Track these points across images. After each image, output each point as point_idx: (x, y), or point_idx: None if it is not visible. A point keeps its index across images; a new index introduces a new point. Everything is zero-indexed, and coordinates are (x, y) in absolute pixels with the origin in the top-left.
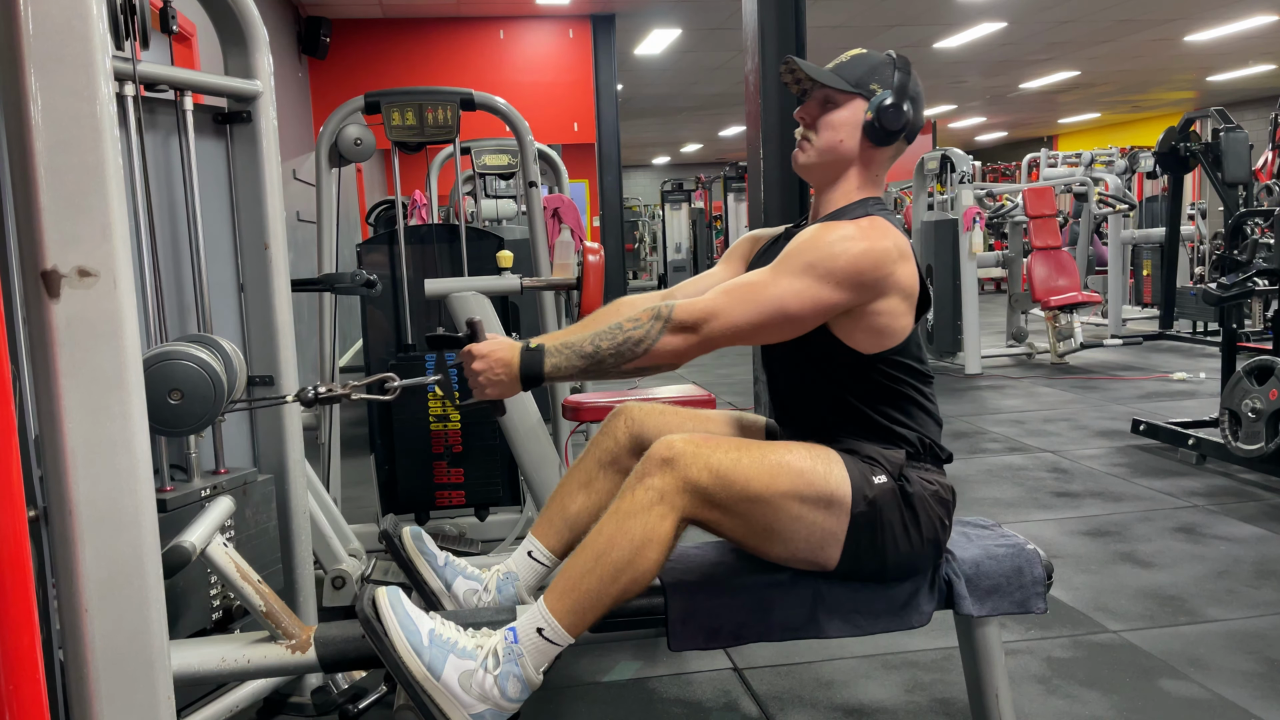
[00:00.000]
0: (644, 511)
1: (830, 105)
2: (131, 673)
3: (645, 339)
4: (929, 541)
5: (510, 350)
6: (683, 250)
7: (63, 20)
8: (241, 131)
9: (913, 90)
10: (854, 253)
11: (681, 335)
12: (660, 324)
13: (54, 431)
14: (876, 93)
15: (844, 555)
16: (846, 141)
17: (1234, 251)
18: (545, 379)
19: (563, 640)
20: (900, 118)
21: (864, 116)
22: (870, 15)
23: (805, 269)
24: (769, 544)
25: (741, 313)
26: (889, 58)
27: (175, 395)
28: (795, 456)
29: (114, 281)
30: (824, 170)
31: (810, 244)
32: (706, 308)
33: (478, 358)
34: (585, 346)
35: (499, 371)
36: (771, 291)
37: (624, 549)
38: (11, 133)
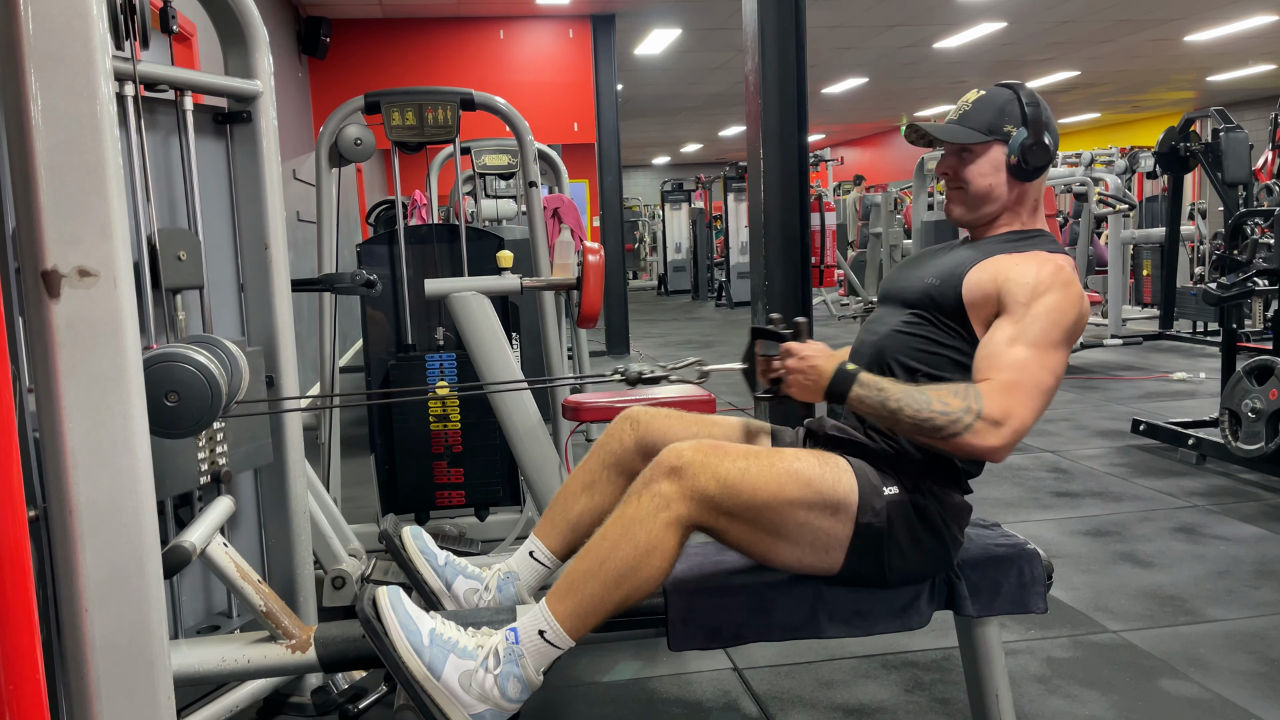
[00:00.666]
0: (650, 518)
1: (969, 157)
2: (131, 673)
3: (953, 429)
4: (935, 556)
5: (830, 361)
6: (683, 250)
7: (63, 20)
8: (241, 131)
9: (1045, 118)
10: (1087, 313)
11: (994, 435)
12: (972, 418)
13: (54, 432)
14: (1012, 134)
15: (847, 561)
16: (996, 186)
17: (1234, 251)
18: (847, 402)
19: (564, 643)
20: (1044, 154)
21: (1007, 159)
22: (870, 15)
23: (1062, 338)
24: (774, 550)
25: (1037, 403)
26: (1012, 94)
27: (172, 397)
28: (803, 465)
29: (114, 281)
30: (981, 218)
31: (1056, 304)
32: (1015, 413)
33: (798, 356)
34: (890, 402)
35: (811, 377)
36: (1045, 366)
37: (629, 555)
38: (11, 133)
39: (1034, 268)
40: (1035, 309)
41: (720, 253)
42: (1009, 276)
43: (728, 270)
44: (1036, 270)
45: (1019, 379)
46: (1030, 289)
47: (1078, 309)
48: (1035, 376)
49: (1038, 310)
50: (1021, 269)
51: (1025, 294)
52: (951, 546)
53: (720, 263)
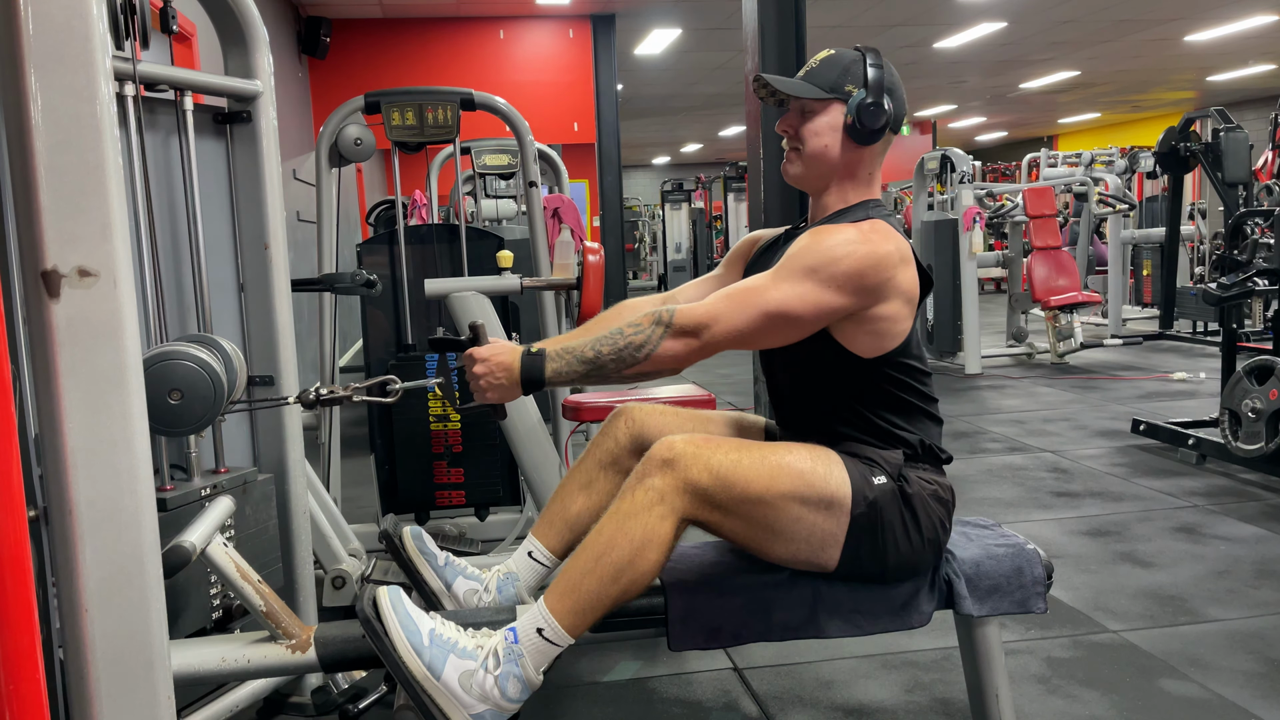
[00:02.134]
0: (644, 512)
1: (810, 114)
2: (131, 673)
3: (646, 344)
4: (929, 542)
5: (512, 354)
6: (683, 250)
7: (63, 20)
8: (241, 131)
9: (888, 82)
10: (856, 257)
11: (682, 340)
12: (661, 329)
13: (54, 431)
14: (853, 93)
15: (844, 556)
16: (831, 147)
17: (1234, 251)
18: (546, 384)
19: (563, 641)
20: (880, 115)
21: (845, 120)
22: (870, 15)
23: (806, 273)
24: (769, 544)
25: (742, 318)
26: (859, 54)
27: (175, 395)
28: (796, 458)
29: (114, 281)
30: (815, 178)
31: (811, 248)
32: (707, 313)
33: (479, 361)
34: (586, 352)
35: (500, 375)
36: (772, 296)
37: (624, 550)
38: (11, 133)
39: (815, 232)
40: (792, 255)
41: (720, 253)
42: (806, 238)
43: None
44: (817, 232)
45: (729, 296)
46: (798, 243)
47: (831, 249)
48: (747, 297)
49: (792, 254)
50: (802, 237)
51: (792, 248)
52: (941, 533)
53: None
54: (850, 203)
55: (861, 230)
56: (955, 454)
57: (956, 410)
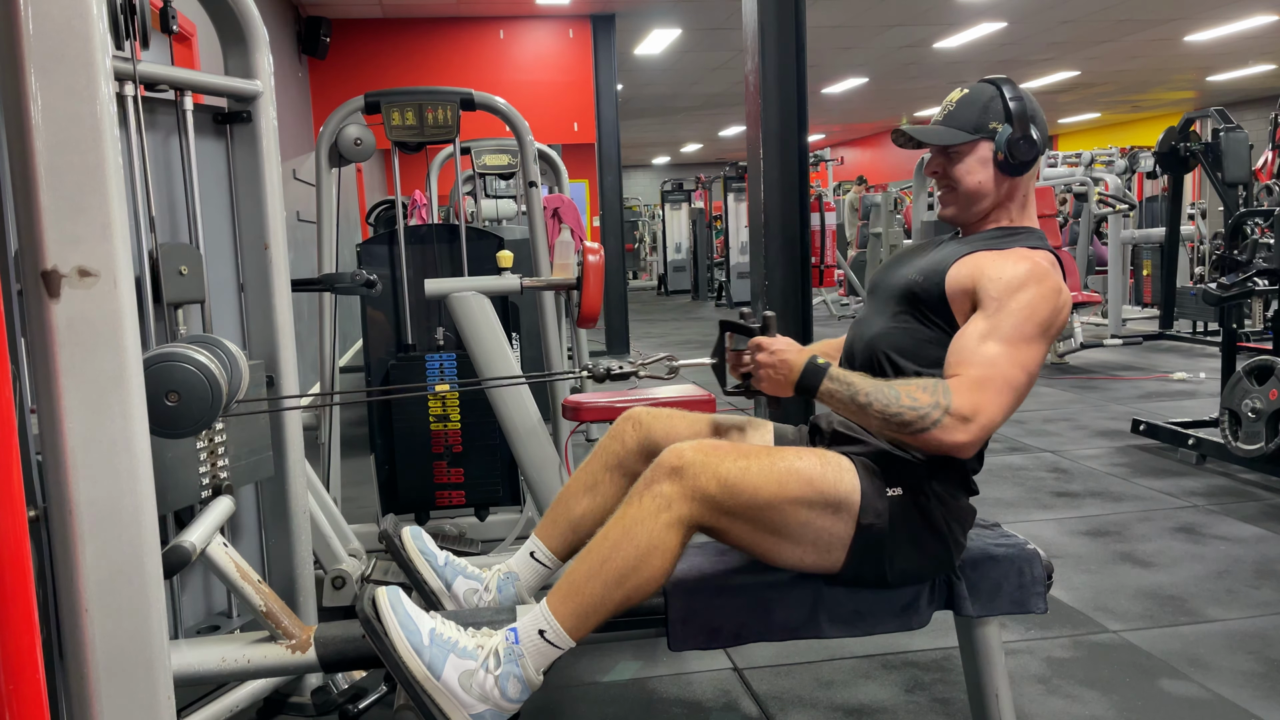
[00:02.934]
0: (651, 519)
1: (957, 156)
2: (131, 673)
3: (921, 424)
4: (937, 558)
5: (799, 355)
6: (683, 250)
7: (63, 20)
8: (241, 131)
9: (1030, 112)
10: (1067, 308)
11: (962, 431)
12: (940, 413)
13: (54, 431)
14: (998, 130)
15: (848, 561)
16: (985, 183)
17: (1234, 251)
18: (816, 396)
19: (564, 643)
20: (1031, 148)
21: (994, 156)
22: (870, 15)
23: (1036, 332)
24: (776, 549)
25: (1007, 400)
26: (995, 90)
27: (172, 397)
28: (805, 463)
29: (114, 281)
30: (973, 215)
31: (1030, 300)
32: (983, 409)
33: (768, 351)
34: (860, 396)
35: (782, 371)
36: (1017, 362)
37: (630, 555)
38: (11, 133)
39: (1011, 263)
40: (1009, 304)
41: (720, 253)
42: (985, 272)
43: (728, 270)
44: (1013, 266)
45: (989, 374)
46: (1005, 284)
47: (1053, 304)
48: (1005, 372)
49: (1011, 305)
50: (999, 264)
51: (999, 289)
52: (954, 549)
53: (720, 263)
54: (1016, 224)
55: (1052, 269)
56: None
57: None
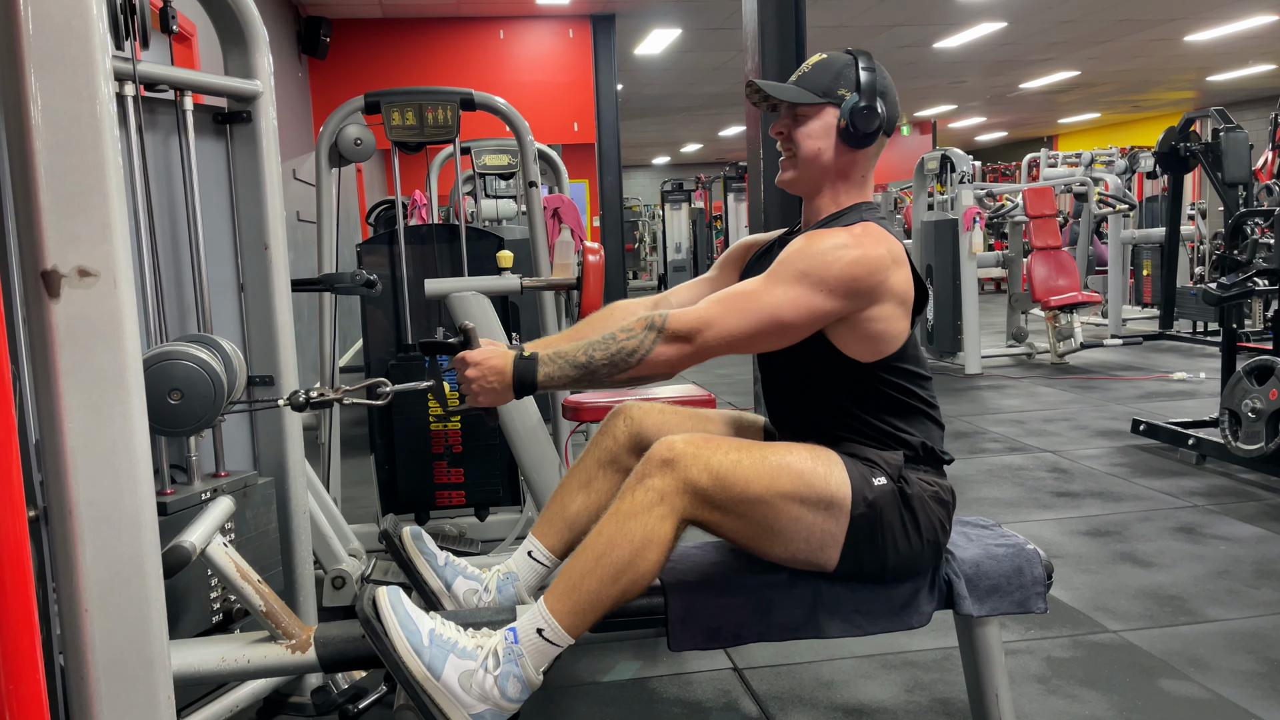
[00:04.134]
0: (644, 513)
1: (803, 118)
2: (131, 673)
3: (639, 349)
4: (929, 543)
5: (504, 358)
6: (683, 250)
7: (63, 20)
8: (241, 131)
9: (880, 85)
10: (847, 260)
11: (675, 345)
12: (654, 334)
13: (54, 431)
14: (845, 97)
15: (844, 556)
16: (825, 150)
17: (1234, 251)
18: (539, 388)
19: (563, 641)
20: (874, 119)
21: (838, 123)
22: (870, 15)
23: (798, 277)
24: (769, 544)
25: (735, 322)
26: (850, 57)
27: (175, 395)
28: (796, 458)
29: (114, 281)
30: (808, 182)
31: (803, 252)
32: (700, 317)
33: (471, 364)
34: (579, 356)
35: (492, 379)
36: (765, 300)
37: (624, 550)
38: (11, 133)
39: (808, 236)
40: (784, 258)
41: (720, 253)
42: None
43: None
44: (809, 236)
45: (722, 301)
46: (790, 247)
47: (824, 254)
48: (740, 303)
49: (785, 258)
50: (794, 241)
51: (784, 252)
52: (941, 534)
53: None
54: (843, 206)
55: (853, 234)
56: (955, 454)
57: (956, 410)
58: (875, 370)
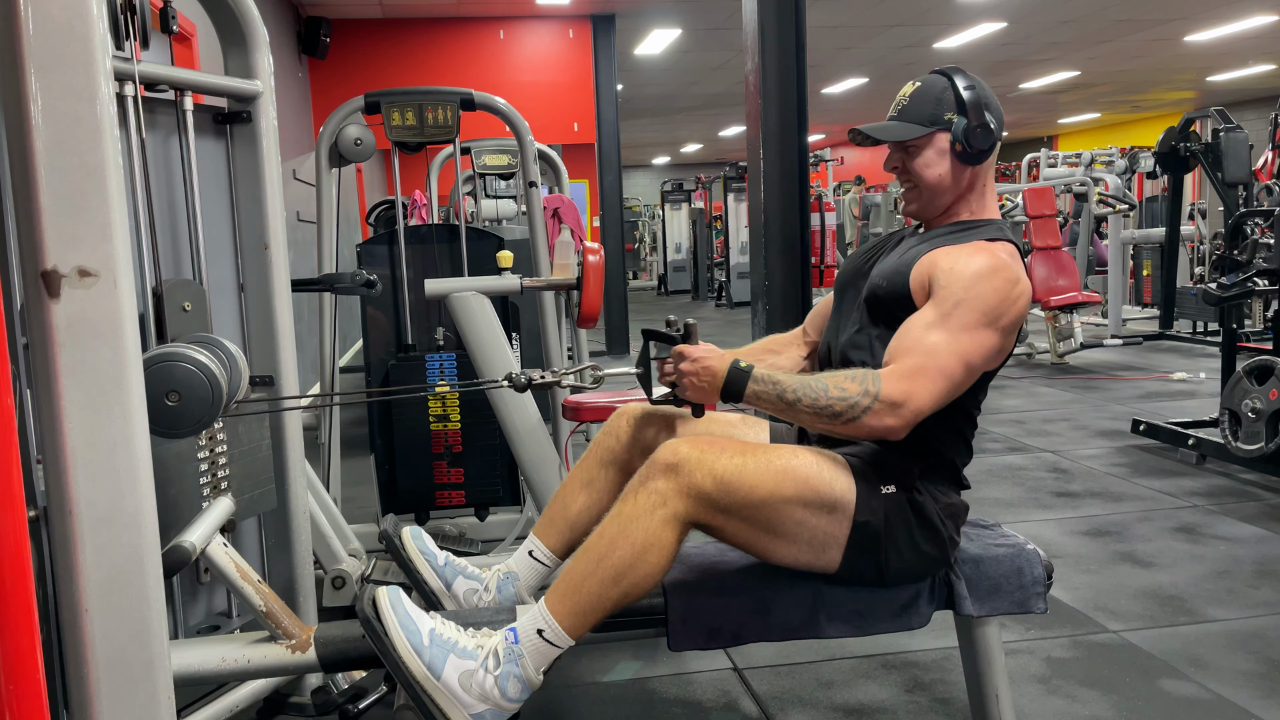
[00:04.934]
0: (647, 515)
1: (915, 150)
2: (131, 673)
3: (846, 414)
4: (933, 555)
5: (721, 361)
6: (683, 250)
7: (63, 20)
8: (241, 131)
9: (983, 99)
10: (1015, 295)
11: (888, 418)
12: (870, 400)
13: (54, 431)
14: (953, 120)
15: (845, 559)
16: (945, 175)
17: (1234, 251)
18: (743, 400)
19: (563, 642)
20: (987, 136)
21: (952, 147)
22: (870, 15)
23: (980, 320)
24: (771, 547)
25: (940, 387)
26: (945, 79)
27: (173, 397)
28: (800, 461)
29: (114, 281)
30: (936, 209)
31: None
32: (913, 395)
33: (689, 359)
34: (788, 393)
35: (705, 379)
36: (956, 352)
37: (626, 552)
38: (12, 133)
39: (966, 255)
40: (956, 293)
41: (720, 253)
42: (939, 265)
43: (728, 270)
44: (967, 257)
45: (923, 363)
46: (955, 274)
47: (1004, 294)
48: (941, 361)
49: (959, 295)
50: (953, 256)
51: (949, 279)
52: (949, 546)
53: (720, 263)
54: (977, 216)
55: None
56: None
57: None
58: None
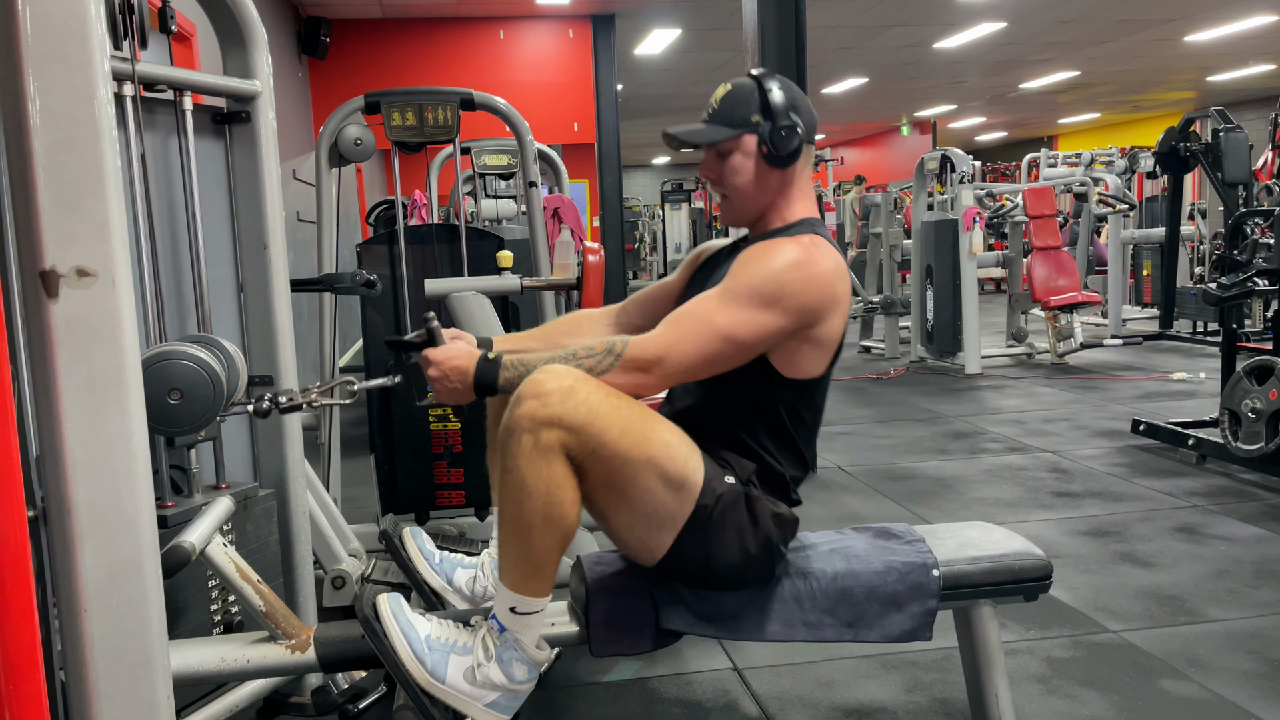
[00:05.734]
0: (529, 462)
1: (725, 154)
2: (131, 673)
3: (595, 371)
4: (761, 555)
5: (468, 359)
6: (682, 250)
7: (60, 20)
8: (241, 131)
9: (790, 100)
10: (802, 278)
11: (633, 375)
12: (612, 359)
13: (53, 431)
14: (760, 123)
15: (675, 545)
16: (755, 179)
17: (1234, 251)
18: (499, 391)
19: (537, 606)
20: (792, 137)
21: (759, 149)
22: (870, 15)
23: (752, 296)
24: (613, 509)
25: (694, 351)
26: (753, 81)
27: (175, 395)
28: (666, 429)
29: (113, 281)
30: (751, 213)
31: (755, 268)
32: (659, 349)
33: (434, 364)
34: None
35: (455, 379)
36: (719, 322)
37: (536, 503)
38: (10, 133)
39: (761, 247)
40: (737, 274)
41: None
42: (737, 260)
43: None
44: (762, 248)
45: (681, 329)
46: (742, 261)
47: (790, 277)
48: (700, 326)
49: (739, 275)
50: (751, 251)
51: (738, 266)
52: (775, 558)
53: None
54: (789, 220)
55: (803, 246)
56: (955, 454)
57: (956, 410)
58: (788, 386)
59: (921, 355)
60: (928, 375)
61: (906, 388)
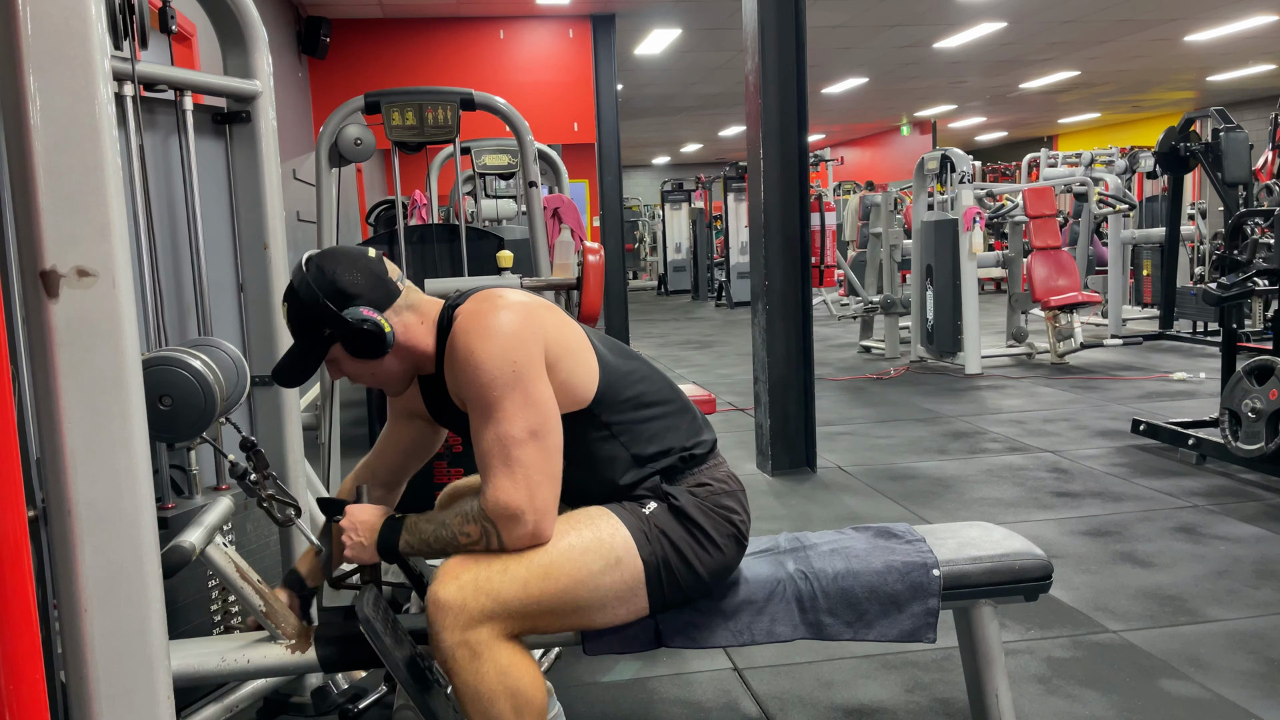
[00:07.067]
0: (476, 674)
1: (332, 363)
2: (131, 673)
3: (492, 546)
4: (727, 538)
5: (377, 516)
6: (683, 250)
7: (61, 20)
8: (241, 131)
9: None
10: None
11: (518, 531)
12: (495, 534)
13: (53, 431)
14: (330, 335)
15: (651, 595)
16: (377, 369)
17: (1234, 251)
18: (401, 552)
19: None
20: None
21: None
22: (870, 15)
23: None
24: (588, 621)
25: (532, 463)
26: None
27: (165, 401)
28: (571, 538)
29: (113, 281)
30: (402, 383)
31: (474, 375)
32: (510, 498)
33: (347, 517)
34: (433, 542)
35: (363, 533)
36: (514, 430)
37: (501, 705)
38: (10, 133)
39: (459, 362)
40: (475, 392)
41: (720, 253)
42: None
43: (728, 270)
44: (461, 361)
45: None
46: (464, 382)
47: (494, 349)
48: (509, 449)
49: (471, 395)
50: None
51: (464, 388)
52: (739, 524)
53: (720, 263)
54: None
55: (471, 330)
56: (955, 454)
57: (956, 410)
58: (590, 412)
59: (921, 355)
60: (928, 375)
61: (906, 388)
